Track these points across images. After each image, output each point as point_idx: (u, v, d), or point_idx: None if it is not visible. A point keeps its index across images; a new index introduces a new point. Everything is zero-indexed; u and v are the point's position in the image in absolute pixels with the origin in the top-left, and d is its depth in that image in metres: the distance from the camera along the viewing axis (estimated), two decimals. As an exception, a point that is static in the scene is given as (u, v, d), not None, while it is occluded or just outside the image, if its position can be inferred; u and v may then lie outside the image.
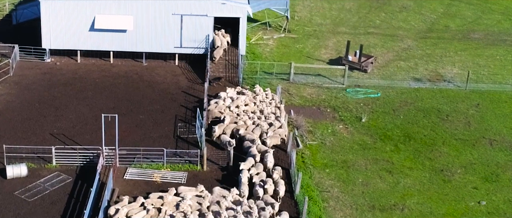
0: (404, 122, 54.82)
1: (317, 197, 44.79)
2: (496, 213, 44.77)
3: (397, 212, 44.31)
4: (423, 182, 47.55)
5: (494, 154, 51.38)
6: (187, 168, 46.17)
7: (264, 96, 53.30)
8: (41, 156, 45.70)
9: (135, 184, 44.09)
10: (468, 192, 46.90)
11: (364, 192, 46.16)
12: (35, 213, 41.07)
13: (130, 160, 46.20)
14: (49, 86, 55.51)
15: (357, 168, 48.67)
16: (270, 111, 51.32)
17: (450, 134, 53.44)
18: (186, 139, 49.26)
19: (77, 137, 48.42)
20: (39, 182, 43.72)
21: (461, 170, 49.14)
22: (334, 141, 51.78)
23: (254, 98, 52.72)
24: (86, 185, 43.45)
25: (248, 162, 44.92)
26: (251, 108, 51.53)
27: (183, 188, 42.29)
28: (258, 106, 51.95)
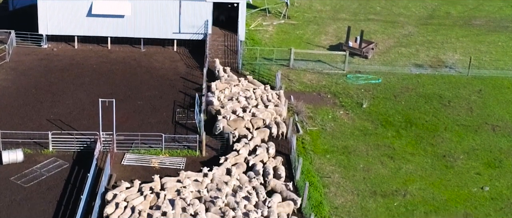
0: (406, 107, 54.15)
1: (317, 183, 44.17)
2: (500, 199, 44.17)
3: (399, 198, 43.69)
4: (425, 168, 46.92)
5: (497, 139, 50.73)
6: (186, 153, 45.54)
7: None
8: (38, 141, 45.05)
9: (133, 170, 43.47)
10: (471, 177, 46.27)
11: (365, 177, 45.53)
12: (31, 198, 40.45)
13: (128, 145, 45.55)
14: (45, 72, 54.80)
15: (358, 154, 48.03)
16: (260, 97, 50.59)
17: (452, 120, 52.79)
18: (184, 124, 48.60)
19: (74, 123, 47.75)
20: (35, 168, 43.08)
21: (463, 156, 48.51)
22: (334, 126, 51.12)
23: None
24: (83, 171, 42.82)
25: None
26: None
27: (190, 173, 41.68)
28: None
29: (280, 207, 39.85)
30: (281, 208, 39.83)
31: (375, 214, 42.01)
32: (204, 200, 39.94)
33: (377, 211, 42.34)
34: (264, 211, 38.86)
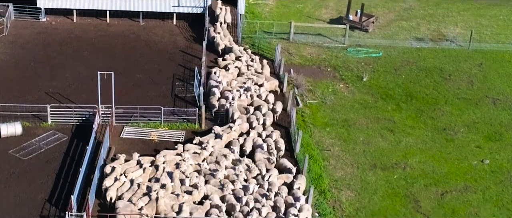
0: (406, 81, 53.91)
1: (317, 156, 44.04)
2: (500, 172, 44.04)
3: (398, 171, 43.57)
4: (425, 141, 46.76)
5: (497, 113, 50.53)
6: (185, 126, 45.36)
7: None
8: (36, 114, 44.85)
9: (132, 143, 43.31)
10: (471, 151, 46.12)
11: (365, 150, 45.38)
12: (30, 171, 40.34)
13: (127, 118, 45.37)
14: (44, 45, 54.49)
15: (358, 127, 47.85)
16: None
17: (453, 93, 52.56)
18: (184, 98, 48.39)
19: (73, 96, 47.53)
20: (34, 141, 42.93)
21: (464, 129, 48.34)
22: (334, 100, 50.91)
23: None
24: (82, 144, 42.67)
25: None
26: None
27: (191, 146, 41.58)
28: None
29: (279, 180, 39.76)
30: (280, 180, 39.75)
31: (375, 187, 41.91)
32: (203, 173, 39.84)
33: (376, 183, 42.24)
34: (265, 184, 38.72)
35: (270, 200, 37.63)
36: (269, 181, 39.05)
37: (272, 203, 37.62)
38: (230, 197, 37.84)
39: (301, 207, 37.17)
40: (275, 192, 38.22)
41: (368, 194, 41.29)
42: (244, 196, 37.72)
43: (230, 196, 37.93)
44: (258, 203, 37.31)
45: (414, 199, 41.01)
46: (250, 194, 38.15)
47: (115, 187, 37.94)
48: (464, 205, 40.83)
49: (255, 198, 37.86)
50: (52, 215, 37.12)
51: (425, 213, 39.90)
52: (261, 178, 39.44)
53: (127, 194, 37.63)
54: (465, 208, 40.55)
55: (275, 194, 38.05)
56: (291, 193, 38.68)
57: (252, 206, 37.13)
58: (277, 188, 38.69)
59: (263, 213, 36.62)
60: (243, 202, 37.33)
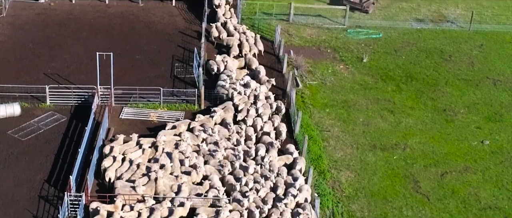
0: (406, 62, 53.71)
1: (317, 137, 43.90)
2: (500, 152, 43.93)
3: (398, 151, 43.45)
4: (425, 122, 46.62)
5: (497, 94, 50.36)
6: (185, 107, 45.23)
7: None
8: (35, 95, 44.68)
9: (131, 124, 43.19)
10: (471, 131, 45.99)
11: (365, 131, 45.25)
12: (29, 152, 40.25)
13: (126, 99, 45.22)
14: (43, 26, 54.25)
15: (358, 108, 47.69)
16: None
17: (453, 74, 52.37)
18: (183, 78, 48.22)
19: (72, 77, 47.35)
20: (32, 122, 42.81)
21: (464, 110, 48.19)
22: (334, 81, 50.72)
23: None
24: (80, 125, 42.54)
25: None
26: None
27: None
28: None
29: (279, 161, 39.66)
30: (280, 161, 39.64)
31: (375, 167, 41.81)
32: (202, 153, 39.73)
33: (376, 164, 42.13)
34: (266, 165, 38.55)
35: (270, 181, 37.50)
36: (269, 162, 38.92)
37: (272, 184, 37.50)
38: (230, 178, 37.74)
39: (301, 188, 37.09)
40: (276, 173, 38.09)
41: (368, 175, 41.19)
42: (244, 177, 37.60)
43: (230, 177, 37.83)
44: (257, 184, 37.19)
45: (414, 180, 40.92)
46: (251, 174, 38.02)
47: (114, 168, 37.84)
48: (464, 185, 40.73)
49: (255, 178, 37.75)
50: (51, 195, 37.06)
51: (424, 194, 39.81)
52: (261, 159, 39.30)
53: (126, 174, 37.54)
54: (465, 189, 40.46)
55: (275, 175, 37.91)
56: (291, 173, 38.57)
57: (252, 186, 37.02)
58: (277, 169, 38.57)
59: (262, 194, 36.50)
60: (243, 182, 37.20)
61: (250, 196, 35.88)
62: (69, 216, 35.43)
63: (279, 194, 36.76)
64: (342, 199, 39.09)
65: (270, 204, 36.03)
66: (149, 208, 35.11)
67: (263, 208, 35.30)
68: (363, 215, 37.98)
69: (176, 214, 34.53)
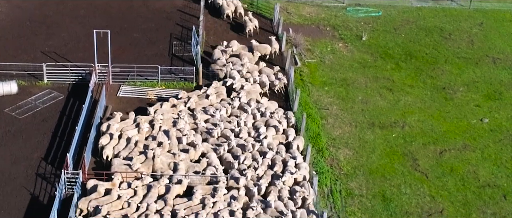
0: (406, 40, 53.43)
1: (315, 115, 43.72)
2: (499, 131, 43.74)
3: (397, 129, 43.28)
4: (424, 100, 46.42)
5: (497, 72, 50.13)
6: (182, 85, 45.02)
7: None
8: (32, 73, 44.49)
9: (129, 102, 43.00)
10: (470, 109, 45.79)
11: (363, 109, 45.06)
12: (26, 130, 40.09)
13: (124, 77, 45.01)
14: (40, 4, 53.90)
15: (356, 86, 47.48)
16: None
17: (453, 52, 52.11)
18: (181, 56, 47.98)
19: (69, 55, 47.12)
20: (30, 100, 42.63)
21: (463, 88, 47.97)
22: (333, 59, 50.47)
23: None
24: (78, 102, 42.35)
25: None
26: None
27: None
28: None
29: (275, 140, 39.49)
30: (276, 140, 39.49)
31: (373, 145, 41.65)
32: (200, 131, 39.56)
33: (375, 142, 41.97)
34: (264, 142, 38.38)
35: (268, 159, 37.28)
36: (268, 140, 38.79)
37: (270, 162, 37.30)
38: (228, 155, 37.58)
39: (299, 165, 36.95)
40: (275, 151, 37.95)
41: (366, 153, 41.04)
42: (242, 155, 37.41)
43: (228, 154, 37.67)
44: (255, 162, 37.00)
45: (413, 158, 40.77)
46: (250, 152, 37.81)
47: (111, 145, 37.67)
48: (463, 163, 40.59)
49: (253, 155, 37.58)
50: (48, 173, 36.93)
51: (423, 171, 39.67)
52: (257, 136, 39.19)
53: (123, 152, 37.38)
54: (464, 167, 40.32)
55: (273, 153, 37.77)
56: (289, 152, 38.39)
57: (250, 163, 36.85)
58: (275, 147, 38.40)
59: (260, 172, 36.34)
60: (241, 160, 36.99)
61: (248, 174, 35.70)
62: (66, 193, 35.31)
63: (276, 171, 36.57)
64: (340, 176, 38.96)
65: (267, 181, 35.84)
66: (147, 185, 34.95)
67: (261, 185, 35.16)
68: (361, 193, 37.87)
69: (173, 191, 34.40)
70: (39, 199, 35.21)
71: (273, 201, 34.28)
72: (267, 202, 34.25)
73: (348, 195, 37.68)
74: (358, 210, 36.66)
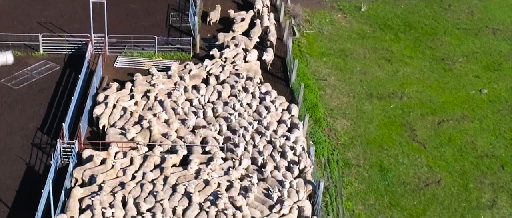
0: (405, 11, 53.03)
1: (313, 85, 43.47)
2: (497, 101, 43.50)
3: (395, 100, 43.04)
4: (423, 71, 46.14)
5: (497, 43, 49.80)
6: (179, 56, 44.74)
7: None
8: (28, 44, 44.21)
9: (125, 72, 42.74)
10: (469, 80, 45.53)
11: (362, 80, 44.80)
12: (22, 100, 39.90)
13: (121, 48, 44.73)
14: (37, -25, 53.46)
15: (355, 57, 47.18)
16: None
17: (452, 23, 51.75)
18: (179, 27, 47.66)
19: (66, 26, 46.80)
20: (26, 70, 42.40)
21: (462, 59, 47.67)
22: (332, 30, 50.13)
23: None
24: (74, 73, 42.11)
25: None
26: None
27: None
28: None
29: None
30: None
31: (371, 116, 41.43)
32: (196, 108, 39.27)
33: (373, 112, 41.75)
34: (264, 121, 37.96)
35: (266, 136, 36.78)
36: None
37: (268, 138, 36.79)
38: (225, 131, 37.15)
39: (297, 139, 36.47)
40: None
41: (364, 123, 40.83)
42: (240, 129, 36.95)
43: (226, 130, 37.23)
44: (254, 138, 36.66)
45: (410, 128, 40.56)
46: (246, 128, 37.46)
47: (107, 115, 37.47)
48: (461, 133, 40.38)
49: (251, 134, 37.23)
50: (44, 143, 36.79)
51: (421, 142, 39.48)
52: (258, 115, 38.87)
53: (119, 122, 37.19)
54: (462, 137, 40.12)
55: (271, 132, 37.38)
56: (286, 123, 38.06)
57: (249, 138, 36.49)
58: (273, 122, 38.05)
59: (257, 142, 36.11)
60: (240, 134, 36.62)
61: (241, 144, 35.37)
62: (62, 163, 35.17)
63: (274, 142, 36.32)
64: (337, 147, 38.78)
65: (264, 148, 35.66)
66: (142, 155, 34.79)
67: (257, 158, 34.90)
68: (359, 163, 37.70)
69: (168, 161, 34.23)
70: (34, 169, 35.09)
71: (269, 171, 34.09)
72: (263, 171, 34.07)
73: (345, 165, 37.52)
74: (355, 180, 36.51)
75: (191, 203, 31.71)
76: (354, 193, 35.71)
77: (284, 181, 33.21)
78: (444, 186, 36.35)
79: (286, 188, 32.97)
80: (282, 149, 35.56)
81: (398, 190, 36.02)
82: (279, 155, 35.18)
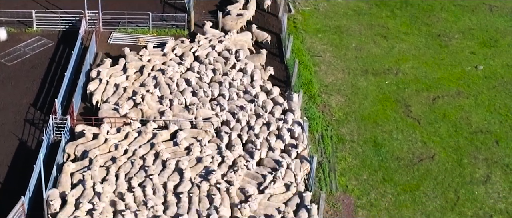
0: (402, -12, 52.74)
1: (308, 62, 43.28)
2: (493, 77, 43.29)
3: (390, 76, 42.84)
4: (419, 47, 45.91)
5: (493, 19, 49.52)
6: (174, 32, 44.54)
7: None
8: (22, 20, 44.02)
9: (119, 49, 42.50)
10: (465, 56, 45.30)
11: (357, 56, 44.59)
12: (15, 76, 39.77)
13: (115, 24, 44.50)
14: (31, -48, 53.11)
15: (351, 33, 46.94)
16: None
17: (449, 0, 51.39)
18: (173, 4, 47.39)
19: (59, 2, 46.51)
20: (19, 46, 42.24)
21: (459, 35, 47.42)
22: (327, 6, 49.84)
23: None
24: (68, 50, 41.92)
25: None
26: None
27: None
28: None
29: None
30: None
31: (366, 92, 41.25)
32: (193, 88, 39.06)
33: (367, 88, 41.57)
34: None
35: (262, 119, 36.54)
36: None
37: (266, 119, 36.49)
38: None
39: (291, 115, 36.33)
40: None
41: (359, 99, 40.66)
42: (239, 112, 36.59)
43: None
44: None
45: (405, 104, 40.39)
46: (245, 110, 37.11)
47: (100, 91, 37.33)
48: (456, 109, 40.21)
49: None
50: (37, 119, 36.68)
51: (415, 118, 39.32)
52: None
53: (112, 98, 37.05)
54: (457, 113, 39.95)
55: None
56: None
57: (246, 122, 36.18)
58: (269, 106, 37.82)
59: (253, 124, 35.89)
60: (240, 116, 36.36)
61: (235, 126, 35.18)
62: (55, 138, 35.07)
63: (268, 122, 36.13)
64: (331, 122, 38.63)
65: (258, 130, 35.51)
66: (135, 130, 34.66)
67: (251, 137, 34.76)
68: (353, 138, 37.57)
69: (158, 137, 34.08)
70: (27, 144, 35.00)
71: (264, 151, 33.88)
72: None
73: (339, 140, 37.39)
74: (349, 155, 36.40)
75: (183, 178, 31.64)
76: (347, 169, 35.61)
77: (281, 161, 32.96)
78: (438, 162, 36.24)
79: (284, 167, 32.70)
80: (279, 131, 35.33)
81: (391, 166, 35.92)
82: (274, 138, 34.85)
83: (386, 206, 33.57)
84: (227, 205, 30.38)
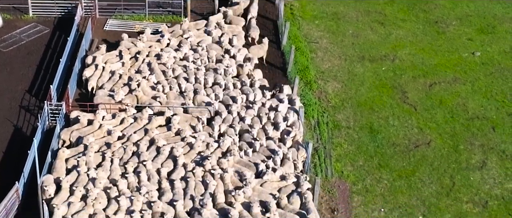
0: (399, -26, 52.52)
1: (304, 48, 43.17)
2: (490, 64, 43.18)
3: (387, 63, 42.75)
4: (416, 34, 45.79)
5: (491, 6, 49.33)
6: (170, 19, 44.41)
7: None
8: (17, 7, 43.91)
9: (115, 35, 42.41)
10: (462, 43, 45.18)
11: (354, 43, 44.48)
12: (10, 63, 39.71)
13: (111, 11, 44.37)
14: None
15: (347, 20, 46.81)
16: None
17: (447, -14, 51.32)
18: (170, -9, 47.30)
19: (56, -11, 46.41)
20: (14, 33, 42.15)
21: (456, 22, 47.28)
22: (325, -7, 49.77)
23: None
24: (64, 36, 41.81)
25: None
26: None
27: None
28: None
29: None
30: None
31: (362, 78, 41.17)
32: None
33: (364, 75, 41.49)
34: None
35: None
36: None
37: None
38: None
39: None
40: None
41: (355, 85, 40.58)
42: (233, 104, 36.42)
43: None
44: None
45: (402, 90, 40.30)
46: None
47: (96, 77, 37.25)
48: (452, 96, 40.13)
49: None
50: (32, 105, 36.65)
51: (412, 104, 39.25)
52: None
53: (107, 84, 36.97)
54: (453, 99, 39.87)
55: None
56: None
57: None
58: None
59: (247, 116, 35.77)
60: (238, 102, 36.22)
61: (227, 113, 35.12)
62: (50, 125, 35.02)
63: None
64: (327, 109, 38.57)
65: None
66: (130, 117, 34.61)
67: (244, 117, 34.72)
68: (349, 125, 37.51)
69: (153, 122, 34.05)
70: (22, 130, 34.96)
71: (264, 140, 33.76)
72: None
73: (335, 127, 37.34)
74: (345, 141, 36.36)
75: (177, 165, 31.59)
76: (343, 155, 35.57)
77: (277, 150, 32.83)
78: (434, 148, 36.18)
79: (279, 156, 32.59)
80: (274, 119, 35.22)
81: (387, 152, 35.87)
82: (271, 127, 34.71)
83: (381, 192, 33.55)
84: (221, 191, 30.34)
